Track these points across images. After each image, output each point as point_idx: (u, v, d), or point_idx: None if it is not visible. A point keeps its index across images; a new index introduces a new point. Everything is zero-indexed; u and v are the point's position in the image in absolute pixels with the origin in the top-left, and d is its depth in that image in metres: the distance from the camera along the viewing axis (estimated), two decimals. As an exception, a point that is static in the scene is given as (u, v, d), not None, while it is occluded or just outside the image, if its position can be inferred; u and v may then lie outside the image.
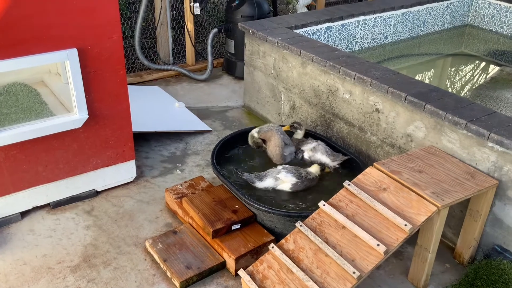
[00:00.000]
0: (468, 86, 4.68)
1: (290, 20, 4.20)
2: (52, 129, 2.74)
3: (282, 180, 2.86)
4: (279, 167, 2.95)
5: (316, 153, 3.08)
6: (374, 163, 2.53)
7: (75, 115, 2.80)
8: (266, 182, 2.88)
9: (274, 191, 2.88)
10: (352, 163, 3.06)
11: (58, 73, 3.29)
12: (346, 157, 3.05)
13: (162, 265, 2.59)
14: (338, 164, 3.05)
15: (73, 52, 2.65)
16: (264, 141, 3.17)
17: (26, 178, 2.83)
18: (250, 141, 3.18)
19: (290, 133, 3.27)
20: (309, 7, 5.95)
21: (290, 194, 2.87)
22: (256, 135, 3.15)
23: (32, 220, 2.92)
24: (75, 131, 2.85)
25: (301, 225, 2.37)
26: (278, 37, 3.75)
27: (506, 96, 3.87)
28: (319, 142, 3.17)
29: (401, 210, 2.27)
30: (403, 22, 4.96)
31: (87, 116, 2.81)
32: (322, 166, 3.00)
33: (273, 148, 3.07)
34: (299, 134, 3.25)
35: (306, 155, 3.14)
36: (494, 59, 5.12)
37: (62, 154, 2.88)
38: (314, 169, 2.94)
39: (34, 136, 2.70)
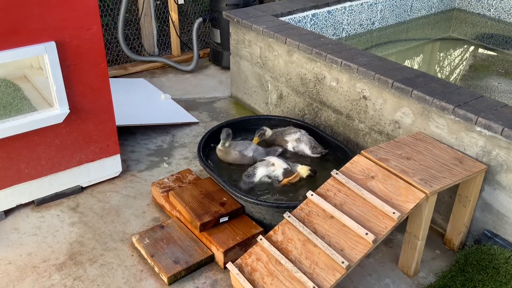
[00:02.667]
0: (457, 70, 4.65)
1: (276, 7, 4.13)
2: (33, 125, 2.67)
3: (276, 164, 2.83)
4: (268, 157, 2.93)
5: (300, 144, 3.04)
6: (362, 151, 2.50)
7: (56, 110, 2.73)
8: (259, 173, 2.83)
9: (263, 182, 2.84)
10: (340, 152, 3.03)
11: (40, 67, 3.22)
12: (325, 151, 3.04)
13: (149, 261, 2.55)
14: (316, 155, 3.04)
15: (51, 45, 2.57)
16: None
17: (8, 175, 2.77)
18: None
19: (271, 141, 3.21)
20: None
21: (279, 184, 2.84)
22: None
23: (16, 218, 2.86)
24: (57, 127, 2.78)
25: (289, 216, 2.34)
26: (263, 25, 3.69)
27: (494, 84, 3.82)
28: (302, 132, 3.13)
29: (390, 198, 2.25)
30: (390, 7, 4.91)
31: (68, 110, 2.75)
32: (313, 172, 2.84)
33: (236, 163, 3.02)
34: (268, 134, 3.15)
35: (290, 146, 3.09)
36: (482, 43, 5.09)
37: (44, 150, 2.82)
38: (302, 170, 2.82)
39: (14, 132, 2.63)
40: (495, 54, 4.77)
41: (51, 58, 2.59)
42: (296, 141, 3.06)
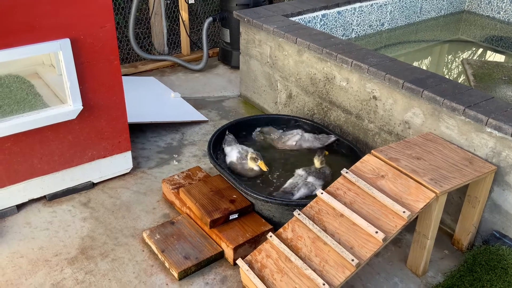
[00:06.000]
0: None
1: (286, 7, 4.15)
2: (47, 120, 2.71)
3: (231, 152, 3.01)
4: (246, 149, 3.03)
5: (305, 142, 3.11)
6: (372, 151, 2.51)
7: (69, 106, 2.76)
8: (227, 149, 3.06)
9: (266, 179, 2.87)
10: (350, 151, 3.05)
11: (52, 65, 3.26)
12: (335, 138, 3.11)
13: (160, 256, 2.58)
14: (328, 143, 3.12)
15: (66, 42, 2.61)
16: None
17: (21, 170, 2.80)
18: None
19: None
20: None
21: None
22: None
23: (28, 213, 2.90)
24: (70, 123, 2.82)
25: (299, 214, 2.36)
26: (273, 25, 3.71)
27: (509, 94, 3.76)
28: (299, 131, 3.20)
29: (400, 197, 2.26)
30: (400, 8, 4.92)
31: (82, 107, 2.78)
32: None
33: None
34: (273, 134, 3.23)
35: (295, 147, 3.14)
36: (491, 45, 5.09)
37: (57, 146, 2.85)
38: (252, 164, 2.91)
39: (28, 128, 2.67)
40: (487, 59, 4.76)
41: (66, 55, 2.63)
42: (299, 141, 3.11)
